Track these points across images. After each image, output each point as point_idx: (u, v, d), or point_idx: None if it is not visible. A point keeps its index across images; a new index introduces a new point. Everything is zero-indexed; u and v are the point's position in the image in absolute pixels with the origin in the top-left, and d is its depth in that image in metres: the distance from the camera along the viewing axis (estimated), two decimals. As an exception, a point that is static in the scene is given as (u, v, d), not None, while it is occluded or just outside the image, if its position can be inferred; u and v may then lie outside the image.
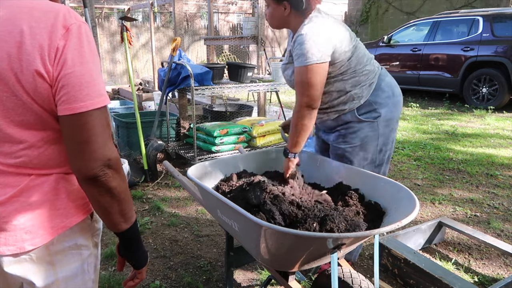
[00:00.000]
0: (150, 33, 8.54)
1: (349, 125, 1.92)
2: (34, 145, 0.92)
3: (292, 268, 1.49)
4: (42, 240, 0.94)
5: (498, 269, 2.40)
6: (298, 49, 1.72)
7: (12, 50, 0.83)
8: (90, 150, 0.89)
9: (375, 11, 12.55)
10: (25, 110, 0.88)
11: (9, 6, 0.86)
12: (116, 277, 2.27)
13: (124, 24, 3.79)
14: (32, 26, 0.84)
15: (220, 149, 4.05)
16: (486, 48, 7.13)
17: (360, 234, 1.30)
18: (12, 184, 0.92)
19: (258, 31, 4.83)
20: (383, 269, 2.30)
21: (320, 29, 1.74)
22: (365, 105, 1.89)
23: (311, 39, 1.70)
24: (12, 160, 0.91)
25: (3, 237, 0.91)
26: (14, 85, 0.85)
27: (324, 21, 1.77)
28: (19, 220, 0.91)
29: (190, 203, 3.34)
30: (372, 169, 1.97)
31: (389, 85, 1.97)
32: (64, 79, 0.86)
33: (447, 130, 5.80)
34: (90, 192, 0.94)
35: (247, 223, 1.40)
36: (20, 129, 0.89)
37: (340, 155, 1.97)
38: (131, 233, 1.03)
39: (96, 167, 0.90)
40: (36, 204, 0.93)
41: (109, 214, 0.97)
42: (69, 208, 0.98)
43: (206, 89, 3.99)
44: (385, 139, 1.96)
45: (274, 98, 7.95)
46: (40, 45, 0.84)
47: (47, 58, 0.85)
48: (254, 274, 2.33)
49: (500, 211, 3.16)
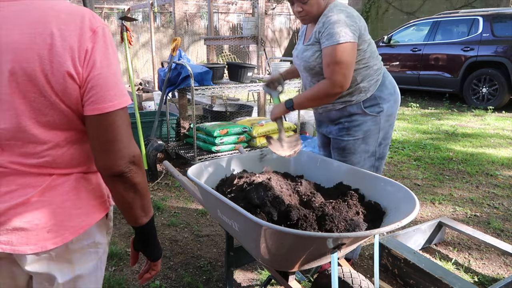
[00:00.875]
0: (150, 33, 8.54)
1: (353, 118, 1.98)
2: (58, 145, 0.94)
3: (292, 268, 1.49)
4: (63, 239, 0.95)
5: (498, 269, 2.40)
6: (330, 28, 1.76)
7: (43, 52, 0.85)
8: (117, 148, 0.93)
9: (375, 11, 12.55)
10: (52, 111, 0.90)
11: (36, 8, 0.88)
12: (116, 277, 2.27)
13: (124, 24, 3.79)
14: (61, 28, 0.86)
15: (220, 149, 4.05)
16: (486, 48, 7.13)
17: (360, 234, 1.30)
18: (33, 185, 0.93)
19: (258, 31, 4.83)
20: (383, 269, 2.30)
21: (349, 12, 1.82)
22: (370, 99, 1.96)
23: (344, 19, 1.77)
24: (35, 160, 0.92)
25: (25, 237, 0.92)
26: (43, 86, 0.87)
27: (349, 7, 1.87)
28: (41, 220, 0.93)
29: (190, 203, 3.34)
30: (374, 163, 2.06)
31: (391, 83, 2.06)
32: (93, 80, 0.89)
33: (447, 130, 5.80)
34: (116, 188, 0.98)
35: (247, 223, 1.40)
36: (45, 130, 0.91)
37: (343, 147, 2.02)
38: (150, 227, 1.08)
39: (122, 164, 0.94)
40: (58, 203, 0.95)
41: (132, 209, 1.01)
42: (89, 207, 1.01)
43: (206, 89, 3.99)
44: (385, 134, 2.04)
45: (274, 98, 7.94)
46: (70, 47, 0.86)
47: (77, 59, 0.87)
48: (254, 274, 2.33)
49: (500, 211, 3.16)
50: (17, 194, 0.92)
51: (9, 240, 0.92)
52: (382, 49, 8.85)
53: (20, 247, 0.92)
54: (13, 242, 0.92)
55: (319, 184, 1.93)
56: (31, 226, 0.92)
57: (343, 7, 1.85)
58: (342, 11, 1.81)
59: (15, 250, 0.92)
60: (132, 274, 2.33)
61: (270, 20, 14.64)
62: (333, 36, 1.75)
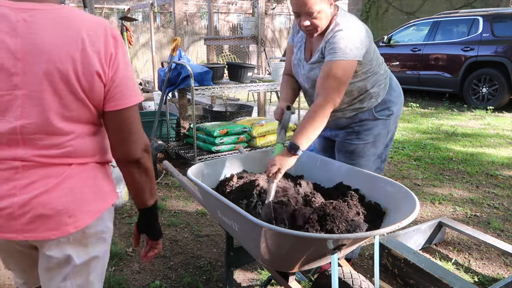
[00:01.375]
0: (150, 33, 8.54)
1: (364, 123, 1.95)
2: (79, 136, 1.06)
3: (293, 268, 1.49)
4: (82, 223, 1.07)
5: (498, 269, 2.40)
6: (336, 43, 1.68)
7: (76, 54, 0.99)
8: (134, 138, 1.10)
9: (375, 11, 12.55)
10: (78, 106, 1.03)
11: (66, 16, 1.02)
12: (116, 277, 2.27)
13: (124, 24, 3.79)
14: (90, 34, 1.01)
15: (220, 149, 4.04)
16: (486, 48, 7.13)
17: (360, 235, 1.30)
18: (54, 174, 1.03)
19: (258, 31, 4.82)
20: (383, 269, 2.30)
21: (356, 26, 1.74)
22: (381, 103, 1.95)
23: (351, 35, 1.70)
24: (58, 150, 1.03)
25: (48, 223, 1.02)
26: (74, 84, 1.00)
27: (354, 19, 1.78)
28: (63, 206, 1.03)
29: (190, 203, 3.34)
30: (379, 164, 2.06)
31: (397, 84, 2.06)
32: (117, 80, 1.05)
33: (447, 130, 5.80)
34: (132, 172, 1.14)
35: (247, 224, 1.40)
36: (69, 123, 1.03)
37: (351, 151, 1.99)
38: (155, 208, 1.25)
39: (138, 152, 1.11)
40: (78, 190, 1.06)
41: (143, 191, 1.18)
42: (104, 193, 1.13)
43: (206, 89, 3.99)
44: (392, 135, 2.05)
45: (274, 98, 7.95)
46: (98, 50, 1.01)
47: (104, 61, 1.02)
48: (254, 274, 2.33)
49: (500, 211, 3.16)
50: (39, 185, 1.01)
51: (33, 228, 1.02)
52: (382, 49, 8.84)
53: (44, 233, 1.03)
54: (37, 230, 1.02)
55: (319, 184, 1.93)
56: (54, 213, 1.02)
57: (352, 23, 1.75)
58: (351, 23, 1.73)
59: (38, 237, 1.03)
60: (132, 274, 2.34)
61: (270, 20, 14.64)
62: (337, 52, 1.67)
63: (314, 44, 1.85)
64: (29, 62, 0.97)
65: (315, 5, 1.65)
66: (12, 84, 0.97)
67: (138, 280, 2.28)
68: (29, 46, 0.97)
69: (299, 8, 1.69)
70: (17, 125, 0.99)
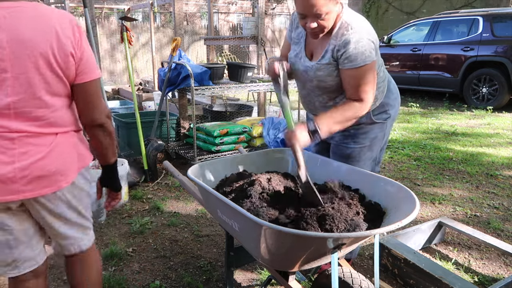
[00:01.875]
0: (150, 33, 8.54)
1: (360, 126, 1.91)
2: (59, 109, 1.32)
3: (293, 268, 1.49)
4: (71, 178, 1.37)
5: (498, 269, 2.40)
6: (356, 48, 1.64)
7: (53, 40, 1.26)
8: (99, 106, 1.39)
9: (375, 11, 12.55)
10: (59, 83, 1.30)
11: (39, 11, 1.27)
12: (116, 277, 2.27)
13: (124, 24, 3.79)
14: (61, 25, 1.28)
15: (220, 149, 4.05)
16: (486, 48, 7.13)
17: (360, 234, 1.30)
18: (45, 143, 1.30)
19: (258, 31, 4.82)
20: (383, 269, 2.30)
21: (368, 27, 1.71)
22: (379, 106, 1.92)
23: (366, 37, 1.66)
24: (45, 121, 1.29)
25: (46, 181, 1.30)
26: (53, 64, 1.26)
27: (361, 18, 1.74)
28: (56, 168, 1.31)
29: (190, 203, 3.34)
30: (373, 167, 2.04)
31: (394, 86, 2.02)
32: (84, 58, 1.34)
33: (447, 130, 5.80)
34: (97, 135, 1.43)
35: (247, 223, 1.40)
36: (52, 97, 1.30)
37: (347, 155, 1.95)
38: (115, 164, 1.56)
39: (103, 117, 1.41)
40: (66, 153, 1.35)
41: (107, 150, 1.48)
42: (85, 153, 1.45)
43: (206, 89, 3.99)
44: (387, 138, 2.03)
45: (274, 98, 7.95)
46: (69, 37, 1.29)
47: (74, 45, 1.30)
48: (254, 274, 2.33)
49: (500, 211, 3.16)
50: (34, 151, 1.27)
51: (31, 188, 1.28)
52: (382, 49, 8.84)
53: (42, 190, 1.30)
54: (36, 188, 1.29)
55: (319, 184, 1.93)
56: (49, 174, 1.30)
57: (360, 21, 1.71)
58: (362, 26, 1.69)
59: (38, 194, 1.30)
60: (132, 274, 2.34)
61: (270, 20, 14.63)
62: (360, 56, 1.63)
63: (317, 42, 1.78)
64: (14, 49, 1.21)
65: (323, 7, 1.57)
66: (0, 68, 1.21)
67: (138, 280, 2.28)
68: (12, 37, 1.21)
69: (306, 10, 1.60)
70: (9, 101, 1.23)
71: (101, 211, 2.98)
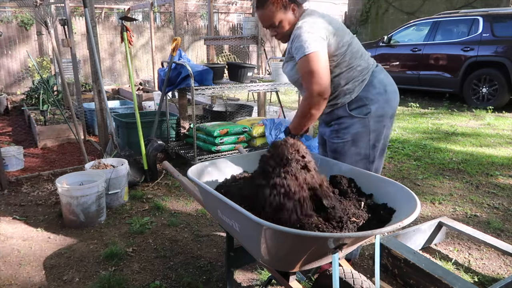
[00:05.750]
0: (150, 33, 8.54)
1: (342, 121, 1.98)
2: None
3: (293, 268, 1.48)
4: None
5: (498, 269, 2.40)
6: (296, 42, 1.81)
7: None
8: None
9: (375, 11, 12.55)
10: None
11: None
12: (116, 277, 2.27)
13: (124, 24, 3.79)
14: None
15: (220, 149, 4.04)
16: (486, 48, 7.13)
17: (361, 234, 1.30)
18: None
19: (258, 31, 4.82)
20: (383, 269, 2.30)
21: (313, 21, 1.85)
22: (355, 100, 1.94)
23: (307, 31, 1.80)
24: None
25: None
26: None
27: (316, 17, 1.90)
28: None
29: (190, 203, 3.34)
30: (367, 166, 2.01)
31: (381, 82, 1.99)
32: None
33: (447, 130, 5.80)
34: None
35: (247, 223, 1.40)
36: None
37: (334, 150, 2.03)
38: None
39: None
40: None
41: None
42: None
43: (206, 89, 3.99)
44: (377, 135, 1.99)
45: (274, 98, 7.95)
46: None
47: None
48: (254, 274, 2.33)
49: (500, 211, 3.16)
50: None
51: None
52: (382, 49, 8.85)
53: None
54: None
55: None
56: None
57: (309, 15, 1.90)
58: (306, 21, 1.85)
59: None
60: (132, 274, 2.33)
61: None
62: (299, 50, 1.79)
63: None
64: None
65: (273, 18, 1.89)
66: None
67: (138, 280, 2.28)
68: None
69: (263, 23, 1.96)
70: None
71: (101, 211, 2.98)
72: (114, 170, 3.20)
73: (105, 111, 4.05)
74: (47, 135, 5.09)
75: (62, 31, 4.66)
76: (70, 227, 2.90)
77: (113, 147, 3.89)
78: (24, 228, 2.90)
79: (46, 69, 8.79)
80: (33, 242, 2.70)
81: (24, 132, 5.94)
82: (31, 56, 4.95)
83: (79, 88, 5.20)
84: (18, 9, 9.66)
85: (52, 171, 3.99)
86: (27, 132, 5.88)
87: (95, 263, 2.44)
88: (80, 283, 2.25)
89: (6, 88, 9.84)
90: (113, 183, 3.16)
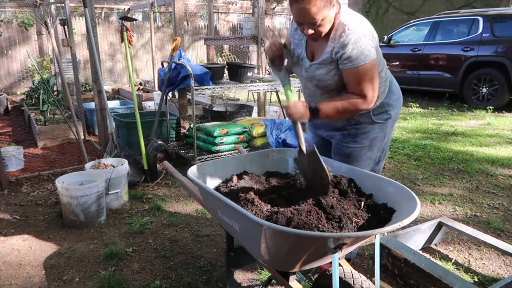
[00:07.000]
0: (150, 33, 8.54)
1: (361, 126, 1.92)
2: None
3: (293, 268, 1.48)
4: None
5: (498, 269, 2.40)
6: (354, 48, 1.65)
7: None
8: None
9: (375, 11, 12.55)
10: None
11: None
12: (116, 277, 2.27)
13: (124, 24, 3.79)
14: None
15: (220, 149, 4.04)
16: (486, 48, 7.13)
17: (361, 234, 1.30)
18: None
19: (258, 31, 4.82)
20: (383, 269, 2.30)
21: (364, 25, 1.71)
22: (379, 106, 1.91)
23: (363, 35, 1.66)
24: None
25: None
26: None
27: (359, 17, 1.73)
28: None
29: (190, 203, 3.34)
30: (373, 167, 2.03)
31: (396, 87, 2.01)
32: None
33: (447, 130, 5.80)
34: None
35: (247, 223, 1.40)
36: None
37: (347, 154, 1.97)
38: None
39: None
40: None
41: None
42: None
43: (206, 89, 3.99)
44: (388, 139, 2.02)
45: (274, 98, 7.94)
46: None
47: None
48: (254, 274, 2.33)
49: (500, 211, 3.16)
50: None
51: None
52: (382, 49, 8.78)
53: None
54: None
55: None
56: None
57: (357, 20, 1.71)
58: (355, 22, 1.68)
59: None
60: (132, 274, 2.33)
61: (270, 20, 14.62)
62: (359, 56, 1.65)
63: (317, 44, 1.79)
64: None
65: (317, 15, 1.58)
66: None
67: (138, 280, 2.28)
68: None
69: (301, 19, 1.63)
70: None
71: (101, 211, 2.98)
72: (114, 170, 3.20)
73: (105, 111, 4.05)
74: (47, 135, 5.09)
75: (62, 31, 4.66)
76: (70, 227, 2.90)
77: (113, 147, 3.89)
78: (24, 228, 2.91)
79: (46, 69, 8.79)
80: (33, 242, 2.70)
81: (24, 132, 5.94)
82: (31, 56, 4.95)
83: (79, 88, 5.20)
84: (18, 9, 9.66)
85: (52, 171, 3.99)
86: (27, 132, 5.89)
87: (95, 263, 2.44)
88: (80, 283, 2.25)
89: (6, 88, 9.84)
90: (113, 183, 3.16)
